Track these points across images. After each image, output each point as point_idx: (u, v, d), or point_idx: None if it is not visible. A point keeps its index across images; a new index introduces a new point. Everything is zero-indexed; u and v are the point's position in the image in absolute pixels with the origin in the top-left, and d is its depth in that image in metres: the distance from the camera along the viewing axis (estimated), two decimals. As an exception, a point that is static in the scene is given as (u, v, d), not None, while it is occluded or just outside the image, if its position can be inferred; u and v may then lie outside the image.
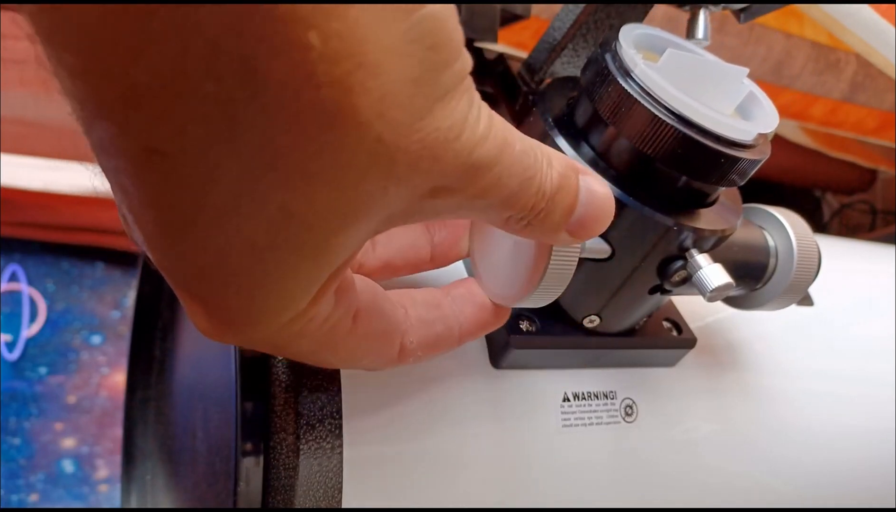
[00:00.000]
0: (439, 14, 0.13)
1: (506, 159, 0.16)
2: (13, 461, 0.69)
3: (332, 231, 0.15)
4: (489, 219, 0.18)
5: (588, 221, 0.18)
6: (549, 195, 0.17)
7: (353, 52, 0.12)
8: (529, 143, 0.17)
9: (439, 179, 0.15)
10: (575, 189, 0.18)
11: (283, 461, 0.22)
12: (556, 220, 0.18)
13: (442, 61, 0.14)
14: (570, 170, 0.18)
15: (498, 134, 0.16)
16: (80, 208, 0.77)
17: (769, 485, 0.32)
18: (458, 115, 0.14)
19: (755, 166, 0.23)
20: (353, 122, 0.13)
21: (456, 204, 0.16)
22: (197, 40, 0.11)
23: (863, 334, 0.38)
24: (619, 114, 0.22)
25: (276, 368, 0.23)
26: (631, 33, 0.23)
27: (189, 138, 0.12)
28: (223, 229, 0.14)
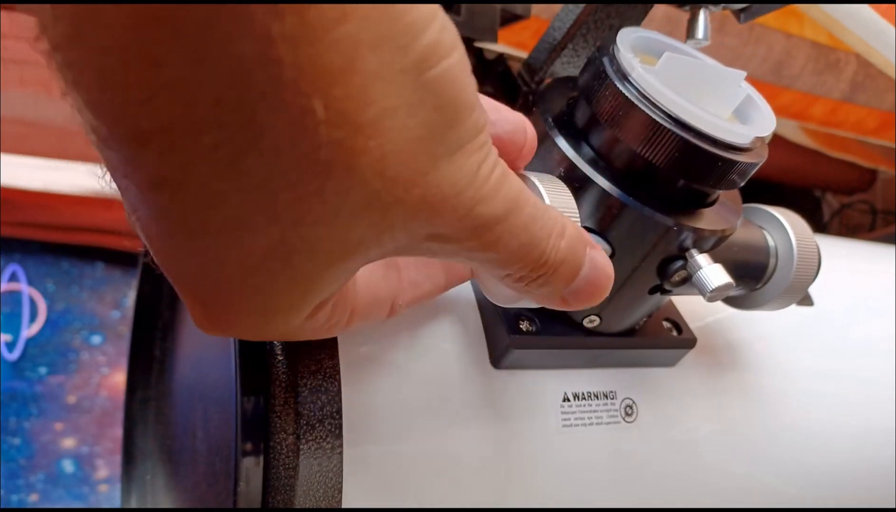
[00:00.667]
0: (451, 73, 0.13)
1: (513, 220, 0.16)
2: (13, 461, 0.69)
3: (322, 265, 0.15)
4: (487, 271, 0.18)
5: (583, 295, 0.19)
6: (553, 265, 0.17)
7: (355, 117, 0.12)
8: (542, 210, 0.17)
9: (438, 229, 0.15)
10: (580, 263, 0.18)
11: (283, 461, 0.22)
12: (553, 289, 0.18)
13: (450, 120, 0.14)
14: (580, 243, 0.18)
15: (509, 194, 0.16)
16: (80, 208, 0.77)
17: (769, 485, 0.32)
18: (464, 172, 0.15)
19: (752, 169, 0.23)
20: (350, 178, 0.13)
21: (453, 251, 0.16)
22: (204, 89, 0.12)
23: (863, 334, 0.38)
24: (617, 117, 0.22)
25: (277, 367, 0.23)
26: (629, 37, 0.23)
27: (195, 172, 0.13)
28: (223, 247, 0.14)
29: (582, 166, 0.23)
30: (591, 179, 0.23)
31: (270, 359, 0.23)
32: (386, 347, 0.25)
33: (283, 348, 0.23)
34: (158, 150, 0.12)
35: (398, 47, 0.12)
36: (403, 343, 0.25)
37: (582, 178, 0.23)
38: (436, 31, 0.13)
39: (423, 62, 0.13)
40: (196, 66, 0.11)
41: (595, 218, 0.24)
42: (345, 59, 0.12)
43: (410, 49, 0.13)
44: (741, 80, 0.24)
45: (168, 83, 0.11)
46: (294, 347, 0.23)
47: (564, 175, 0.24)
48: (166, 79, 0.11)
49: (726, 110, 0.24)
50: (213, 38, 0.11)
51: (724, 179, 0.23)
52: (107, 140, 0.13)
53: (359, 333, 0.25)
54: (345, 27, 0.12)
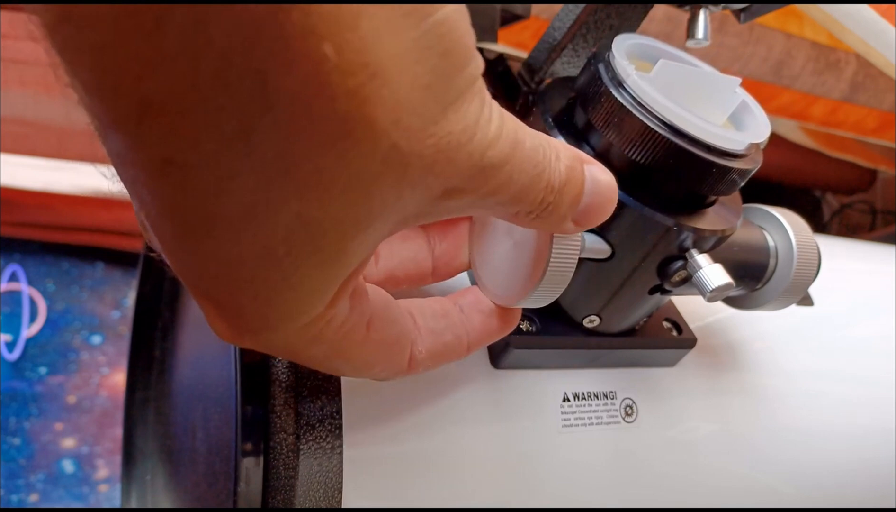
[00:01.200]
0: (451, 18, 0.13)
1: (517, 157, 0.16)
2: (13, 461, 0.69)
3: (348, 236, 0.15)
4: (497, 214, 0.18)
5: (593, 210, 0.19)
6: (558, 188, 0.17)
7: (367, 61, 0.12)
8: (539, 139, 0.17)
9: (453, 181, 0.15)
10: (581, 180, 0.18)
11: (283, 461, 0.22)
12: (563, 212, 0.18)
13: (454, 66, 0.14)
14: (577, 161, 0.18)
15: (509, 133, 0.16)
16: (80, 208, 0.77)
17: (769, 485, 0.32)
18: (471, 117, 0.15)
19: (747, 175, 0.23)
20: (369, 131, 0.13)
21: (467, 203, 0.16)
22: (208, 55, 0.11)
23: (863, 334, 0.38)
24: (612, 124, 0.23)
25: (276, 368, 0.23)
26: (624, 43, 0.24)
27: (203, 150, 0.12)
28: (240, 237, 0.14)
29: (582, 166, 0.23)
30: (591, 179, 0.23)
31: (270, 358, 0.23)
32: (386, 347, 0.25)
33: (283, 348, 0.23)
34: (165, 126, 0.12)
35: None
36: (403, 343, 0.25)
37: (582, 178, 0.23)
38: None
39: (424, 7, 0.13)
40: (197, 27, 0.11)
41: (595, 218, 0.24)
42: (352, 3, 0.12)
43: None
44: (736, 86, 0.24)
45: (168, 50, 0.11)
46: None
47: (564, 175, 0.24)
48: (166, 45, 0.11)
49: (721, 116, 0.24)
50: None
51: (719, 185, 0.23)
52: (111, 123, 0.12)
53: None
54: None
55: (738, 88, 0.24)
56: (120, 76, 0.11)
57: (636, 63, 0.23)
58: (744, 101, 0.25)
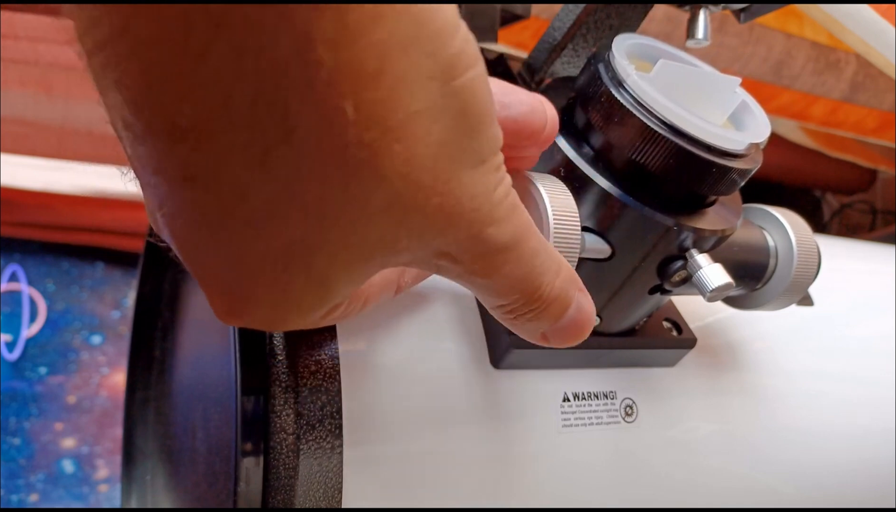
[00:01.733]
0: (474, 83, 0.14)
1: (519, 249, 0.16)
2: (13, 461, 0.69)
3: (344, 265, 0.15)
4: (483, 299, 0.18)
5: (566, 333, 0.19)
6: (546, 300, 0.18)
7: (383, 119, 0.13)
8: (545, 245, 0.17)
9: (450, 246, 0.15)
10: (569, 303, 0.18)
11: (283, 461, 0.22)
12: (540, 325, 0.19)
13: (471, 131, 0.14)
14: (572, 284, 0.19)
15: (518, 222, 0.16)
16: (80, 208, 0.77)
17: (769, 485, 0.32)
18: (481, 189, 0.15)
19: (747, 175, 0.23)
20: (375, 178, 0.13)
21: (460, 272, 0.17)
22: (243, 85, 0.12)
23: (863, 334, 0.38)
24: (612, 124, 0.23)
25: (276, 368, 0.23)
26: (624, 43, 0.24)
27: (226, 167, 0.13)
28: (247, 242, 0.14)
29: (582, 166, 0.23)
30: (592, 179, 0.23)
31: (270, 359, 0.23)
32: (386, 347, 0.25)
33: (283, 348, 0.23)
34: (194, 145, 0.13)
35: (427, 53, 0.13)
36: (403, 343, 0.25)
37: (582, 178, 0.23)
38: (461, 40, 0.14)
39: (450, 70, 0.13)
40: (237, 60, 0.12)
41: (595, 218, 0.24)
42: (377, 61, 0.12)
43: (438, 56, 0.13)
44: (736, 85, 0.24)
45: (208, 77, 0.12)
46: (294, 346, 0.23)
47: (565, 175, 0.24)
48: (207, 72, 0.12)
49: (721, 116, 0.24)
50: (256, 34, 0.11)
51: (718, 185, 0.23)
52: (142, 136, 0.13)
53: (359, 334, 0.25)
54: (379, 30, 0.12)
55: (738, 88, 0.24)
56: (162, 95, 0.12)
57: (636, 63, 0.23)
58: (744, 101, 0.25)
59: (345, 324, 0.24)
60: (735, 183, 0.23)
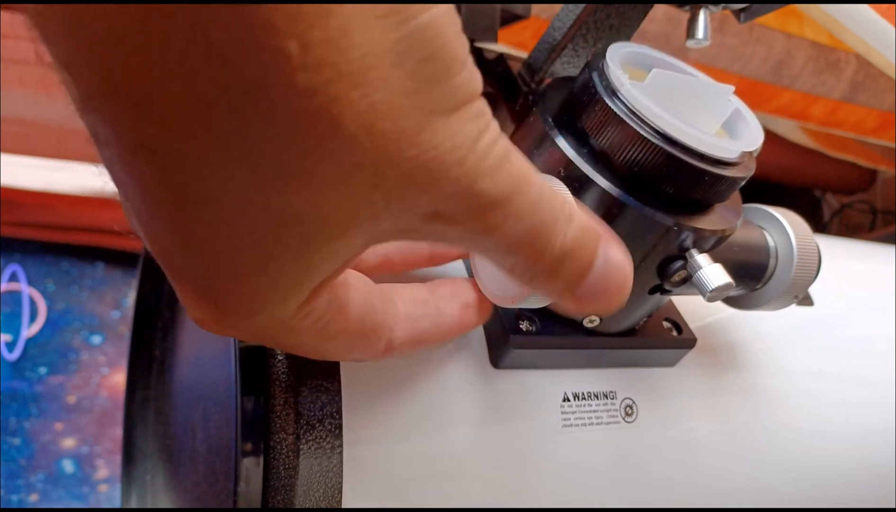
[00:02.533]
0: (437, 23, 0.13)
1: (517, 201, 0.15)
2: (13, 461, 0.69)
3: (321, 239, 0.14)
4: (493, 260, 0.17)
5: (598, 293, 0.17)
6: (559, 254, 0.16)
7: (335, 61, 0.12)
8: (550, 192, 0.16)
9: (439, 204, 0.14)
10: (591, 256, 0.17)
11: (283, 461, 0.22)
12: (562, 285, 0.17)
13: (439, 73, 0.13)
14: (591, 233, 0.17)
15: (513, 171, 0.15)
16: (80, 208, 0.77)
17: (769, 485, 0.32)
18: (462, 137, 0.14)
19: (740, 183, 0.24)
20: (334, 131, 0.12)
21: (458, 235, 0.16)
22: (174, 38, 0.11)
23: (863, 334, 0.38)
24: (606, 132, 0.23)
25: (276, 367, 0.23)
26: (618, 52, 0.24)
27: (170, 131, 0.12)
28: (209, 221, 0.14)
29: (582, 166, 0.23)
30: (591, 179, 0.23)
31: (270, 358, 0.23)
32: (386, 347, 0.25)
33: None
34: (134, 107, 0.12)
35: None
36: (403, 343, 0.25)
37: (582, 178, 0.23)
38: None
39: (406, 9, 0.12)
40: (165, 10, 0.11)
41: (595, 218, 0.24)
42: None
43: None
44: (729, 94, 0.24)
45: (138, 29, 0.11)
46: (294, 347, 0.23)
47: (564, 175, 0.24)
48: (135, 23, 0.11)
49: (714, 125, 0.25)
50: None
51: (711, 192, 0.23)
52: (85, 99, 0.12)
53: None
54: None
55: (731, 96, 0.25)
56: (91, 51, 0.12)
57: (630, 71, 0.24)
58: (737, 109, 0.25)
59: (345, 324, 0.24)
60: (728, 190, 0.24)
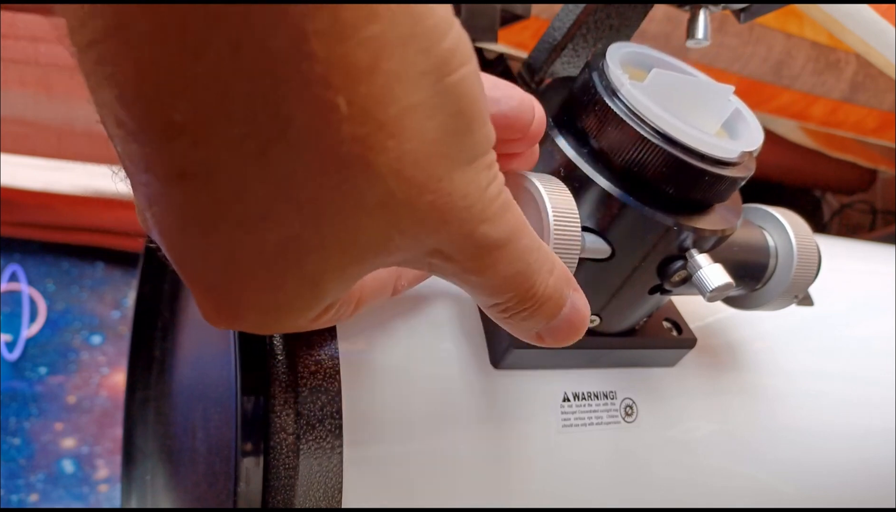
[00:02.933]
0: (468, 81, 0.14)
1: (511, 248, 0.16)
2: (13, 461, 0.69)
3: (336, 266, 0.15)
4: (477, 298, 0.18)
5: (559, 333, 0.19)
6: (540, 299, 0.18)
7: (377, 114, 0.13)
8: (538, 244, 0.17)
9: (443, 244, 0.15)
10: (563, 302, 0.19)
11: (283, 461, 0.22)
12: (535, 325, 0.19)
13: (464, 128, 0.14)
14: (566, 283, 0.19)
15: (510, 220, 0.16)
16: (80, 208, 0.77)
17: (769, 485, 0.32)
18: (475, 186, 0.15)
19: (740, 183, 0.24)
20: (368, 174, 0.13)
21: (451, 271, 0.17)
22: (239, 82, 0.12)
23: (863, 334, 0.38)
24: (606, 132, 0.23)
25: (276, 367, 0.23)
26: (618, 52, 0.24)
27: (220, 164, 0.13)
28: (239, 242, 0.14)
29: (582, 166, 0.23)
30: (592, 179, 0.23)
31: (270, 359, 0.23)
32: (386, 347, 0.25)
33: (283, 348, 0.23)
34: (188, 142, 0.13)
35: (421, 49, 0.13)
36: (403, 343, 0.25)
37: (582, 178, 0.23)
38: (455, 37, 0.14)
39: (443, 66, 0.13)
40: (233, 56, 0.12)
41: (595, 218, 0.24)
42: (371, 57, 0.12)
43: (432, 52, 0.13)
44: (729, 94, 0.24)
45: (205, 73, 0.12)
46: (294, 346, 0.23)
47: (565, 175, 0.24)
48: (204, 68, 0.12)
49: (714, 125, 0.25)
50: (250, 29, 0.11)
51: (711, 192, 0.23)
52: (134, 133, 0.13)
53: (359, 334, 0.25)
54: (373, 26, 0.12)
55: (731, 96, 0.25)
56: (157, 91, 0.12)
57: (630, 71, 0.24)
58: (737, 109, 0.25)
59: (345, 324, 0.24)
60: (728, 190, 0.24)
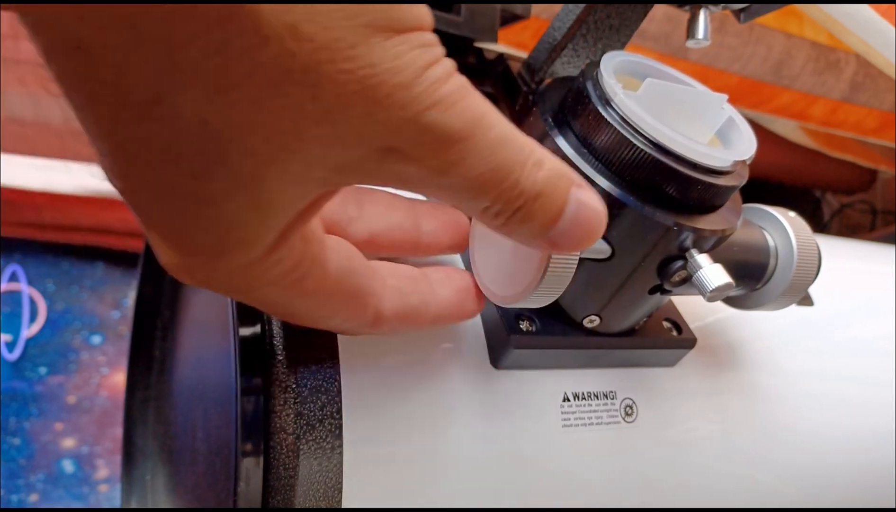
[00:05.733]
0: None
1: (476, 138, 0.15)
2: (13, 461, 0.69)
3: (263, 159, 0.14)
4: (463, 206, 0.17)
5: (571, 235, 0.18)
6: (529, 195, 0.17)
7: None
8: (515, 136, 0.16)
9: (390, 135, 0.14)
10: (562, 198, 0.17)
11: (283, 461, 0.22)
12: (536, 226, 0.17)
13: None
14: (562, 177, 0.17)
15: (470, 109, 0.15)
16: (80, 208, 0.77)
17: (769, 485, 0.32)
18: (404, 62, 0.14)
19: (732, 192, 0.24)
20: (252, 25, 0.12)
21: (419, 176, 0.15)
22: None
23: (863, 334, 0.38)
24: (599, 141, 0.23)
25: (276, 367, 0.23)
26: (612, 61, 0.24)
27: (97, 31, 0.12)
28: (145, 132, 0.13)
29: (582, 166, 0.23)
30: (591, 179, 0.23)
31: (270, 359, 0.23)
32: (386, 347, 0.25)
33: (283, 348, 0.23)
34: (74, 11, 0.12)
35: None
36: (403, 343, 0.25)
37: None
38: None
39: None
40: None
41: (595, 218, 0.24)
42: None
43: None
44: (723, 103, 0.25)
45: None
46: (294, 346, 0.23)
47: (564, 175, 0.24)
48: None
49: (708, 133, 0.25)
50: None
51: (704, 199, 0.23)
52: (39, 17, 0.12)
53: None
54: None
55: (725, 105, 0.25)
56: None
57: (624, 80, 0.24)
58: (731, 118, 0.25)
59: (345, 324, 0.24)
60: (722, 198, 0.24)
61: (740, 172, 0.24)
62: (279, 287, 0.18)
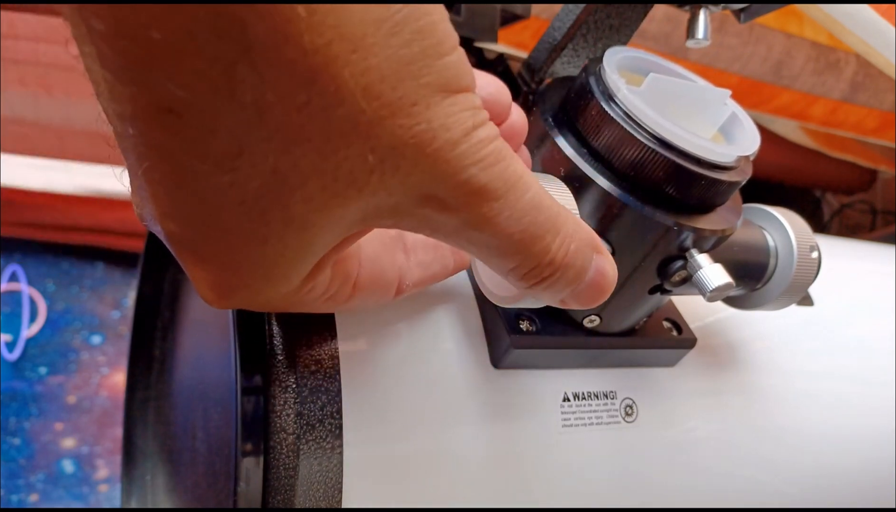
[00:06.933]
0: (425, 7, 0.14)
1: (511, 198, 0.16)
2: (13, 461, 0.69)
3: (317, 205, 0.15)
4: (492, 263, 0.18)
5: (582, 296, 0.19)
6: (559, 265, 0.17)
7: (336, 24, 0.13)
8: (549, 202, 0.17)
9: (431, 185, 0.15)
10: (587, 267, 0.18)
11: (283, 461, 0.22)
12: (558, 291, 0.18)
13: (431, 48, 0.14)
14: (588, 247, 0.18)
15: (508, 170, 0.16)
16: (80, 208, 0.77)
17: (769, 485, 0.32)
18: (454, 121, 0.15)
19: (736, 187, 0.24)
20: (335, 89, 0.13)
21: (452, 226, 0.16)
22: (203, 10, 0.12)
23: (863, 334, 0.38)
24: (602, 136, 0.23)
25: (276, 367, 0.23)
26: (615, 56, 0.24)
27: (195, 94, 0.13)
28: (220, 182, 0.14)
29: (582, 166, 0.23)
30: (592, 179, 0.23)
31: (270, 358, 0.23)
32: (386, 346, 0.25)
33: (283, 348, 0.23)
34: (166, 71, 0.13)
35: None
36: (403, 343, 0.25)
37: (582, 178, 0.23)
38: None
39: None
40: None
41: (595, 218, 0.24)
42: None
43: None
44: (726, 98, 0.24)
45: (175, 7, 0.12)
46: (294, 346, 0.23)
47: (565, 175, 0.24)
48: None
49: (711, 129, 0.25)
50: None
51: (707, 196, 0.23)
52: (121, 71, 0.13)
53: (359, 334, 0.25)
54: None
55: (728, 100, 0.25)
56: (131, 23, 0.12)
57: (627, 76, 0.24)
58: (734, 113, 0.25)
59: (345, 324, 0.24)
60: (725, 194, 0.24)
61: (744, 168, 0.24)
62: (312, 306, 0.19)
